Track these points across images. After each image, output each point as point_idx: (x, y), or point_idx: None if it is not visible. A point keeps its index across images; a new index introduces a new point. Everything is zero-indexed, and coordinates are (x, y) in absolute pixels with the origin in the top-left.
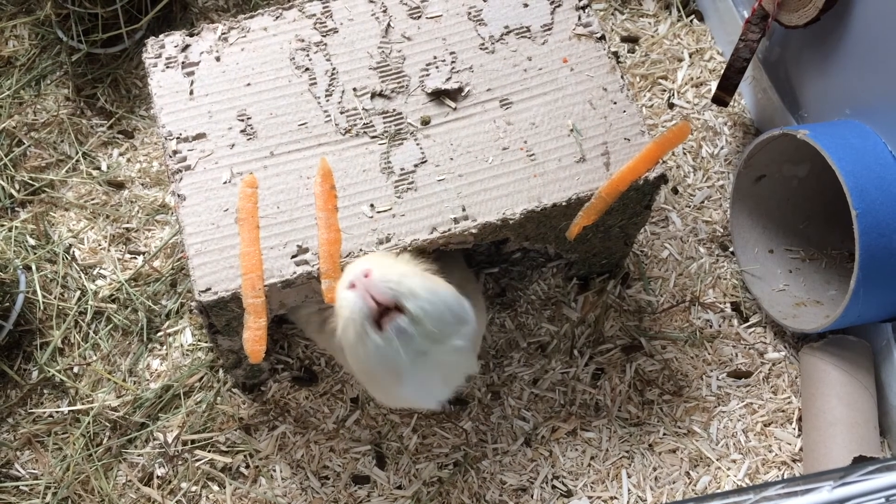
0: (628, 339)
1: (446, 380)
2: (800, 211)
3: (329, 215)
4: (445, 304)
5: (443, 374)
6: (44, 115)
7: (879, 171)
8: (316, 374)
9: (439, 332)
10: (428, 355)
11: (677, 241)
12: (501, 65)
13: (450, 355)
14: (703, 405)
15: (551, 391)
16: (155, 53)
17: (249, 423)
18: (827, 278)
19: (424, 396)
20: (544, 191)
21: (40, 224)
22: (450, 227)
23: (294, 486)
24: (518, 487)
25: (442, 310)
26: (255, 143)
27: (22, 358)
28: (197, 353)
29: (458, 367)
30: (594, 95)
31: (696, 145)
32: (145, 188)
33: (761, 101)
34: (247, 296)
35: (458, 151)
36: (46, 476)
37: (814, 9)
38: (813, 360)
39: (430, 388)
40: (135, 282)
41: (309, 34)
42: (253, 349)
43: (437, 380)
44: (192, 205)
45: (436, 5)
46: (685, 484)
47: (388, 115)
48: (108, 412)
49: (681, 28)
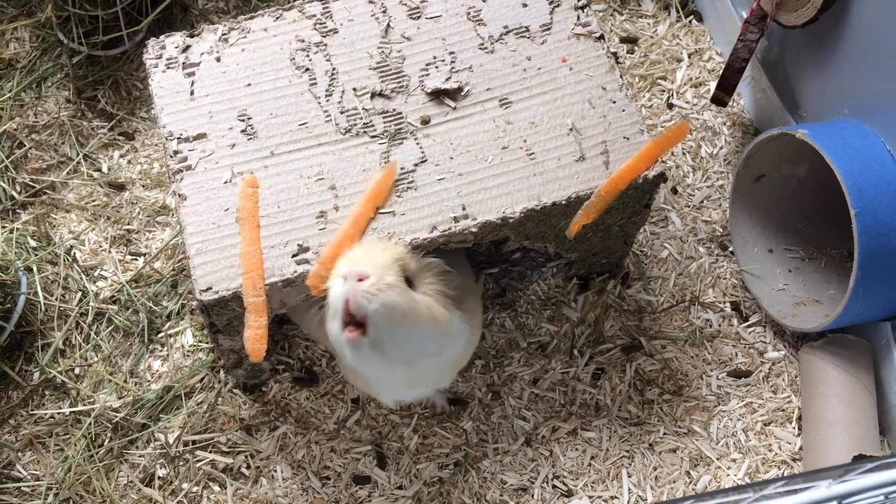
0: (628, 338)
1: (410, 386)
2: (799, 210)
3: (364, 215)
4: (414, 342)
5: (407, 382)
6: (45, 117)
7: (878, 171)
8: (317, 374)
9: (403, 359)
10: (391, 366)
11: (677, 241)
12: (501, 64)
13: (415, 374)
14: (703, 404)
15: (551, 391)
16: (156, 54)
17: (250, 423)
18: (826, 277)
19: (382, 393)
20: (544, 189)
21: (41, 226)
22: (450, 225)
23: (295, 486)
24: (519, 487)
25: (408, 348)
26: (256, 143)
27: (23, 359)
28: (198, 354)
29: (427, 381)
30: (593, 95)
31: (695, 145)
32: (146, 190)
33: (760, 100)
34: (247, 295)
35: (458, 151)
36: (48, 477)
37: (812, 9)
38: (813, 360)
39: (392, 389)
40: (136, 283)
41: (309, 35)
42: (254, 348)
43: (400, 385)
44: (192, 204)
45: (435, 6)
46: (685, 483)
47: (388, 114)
48: (110, 413)
49: (680, 28)
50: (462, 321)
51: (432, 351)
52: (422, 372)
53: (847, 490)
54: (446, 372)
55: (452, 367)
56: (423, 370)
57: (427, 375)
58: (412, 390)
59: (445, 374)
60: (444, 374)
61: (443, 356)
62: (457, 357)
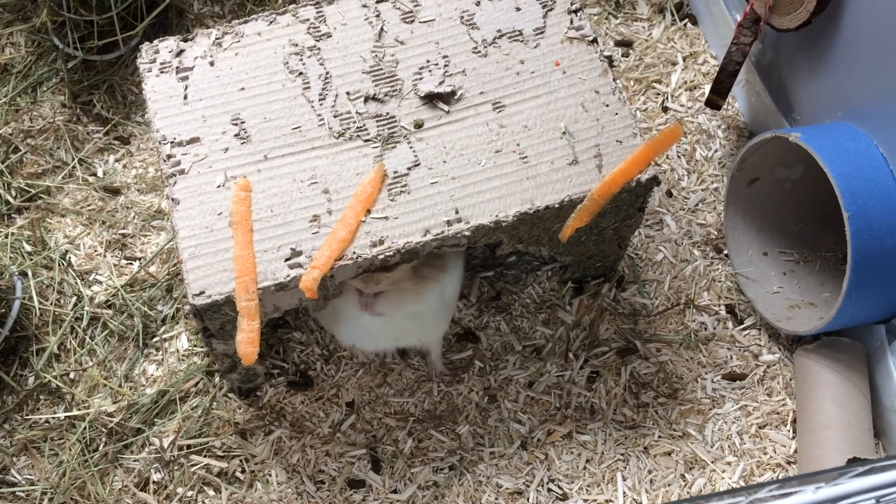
0: (623, 341)
1: (396, 338)
2: (793, 213)
3: (356, 218)
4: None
5: (393, 335)
6: (40, 121)
7: (871, 174)
8: (311, 378)
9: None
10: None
11: (671, 244)
12: (494, 68)
13: (406, 322)
14: (698, 407)
15: (547, 394)
16: (149, 59)
17: (245, 427)
18: (821, 280)
19: (365, 339)
20: (537, 193)
21: (36, 230)
22: (443, 229)
23: (290, 490)
24: (514, 491)
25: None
26: (249, 147)
27: (18, 364)
28: (193, 359)
29: (412, 335)
30: (586, 98)
31: (689, 148)
32: (141, 194)
33: (754, 104)
34: (240, 299)
35: (451, 154)
36: (43, 482)
37: (805, 12)
38: (807, 363)
39: (374, 338)
40: (131, 287)
41: (303, 39)
42: (246, 351)
43: (381, 335)
44: (186, 208)
45: (429, 10)
46: (680, 486)
47: (382, 118)
48: (105, 417)
49: (674, 32)
50: (440, 293)
51: (412, 310)
52: (401, 325)
53: (839, 493)
54: (427, 328)
55: (432, 324)
56: (402, 324)
57: (407, 328)
58: (392, 341)
59: (426, 329)
60: (424, 329)
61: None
62: (433, 314)
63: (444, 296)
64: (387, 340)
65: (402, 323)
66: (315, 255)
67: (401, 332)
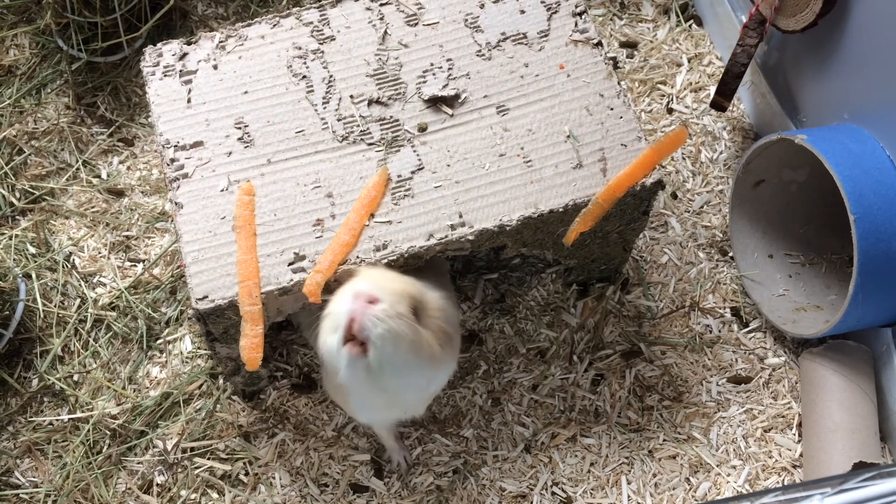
0: (628, 344)
1: (387, 409)
2: (799, 216)
3: (359, 222)
4: (407, 373)
5: (386, 406)
6: (44, 123)
7: (877, 176)
8: (315, 381)
9: (392, 386)
10: (378, 390)
11: (677, 247)
12: (498, 71)
13: (397, 401)
14: (703, 411)
15: (551, 397)
16: (153, 62)
17: (249, 430)
18: (827, 283)
19: (359, 411)
20: (541, 197)
21: (40, 232)
22: (447, 233)
23: (293, 493)
24: (518, 494)
25: (400, 377)
26: (253, 151)
27: (22, 366)
28: (196, 361)
29: (406, 408)
30: (591, 101)
31: (695, 150)
32: (145, 196)
33: (760, 105)
34: (244, 303)
35: (455, 158)
36: (46, 484)
37: (811, 13)
38: (813, 366)
39: (370, 409)
40: (134, 289)
41: (306, 42)
42: (249, 356)
43: (379, 407)
44: (189, 213)
45: (433, 12)
46: (685, 490)
47: (385, 122)
48: (108, 420)
49: (679, 33)
50: (453, 360)
51: (421, 384)
52: (404, 400)
53: (843, 501)
54: (425, 402)
55: (430, 398)
56: (406, 399)
57: (408, 403)
58: (389, 413)
59: (424, 403)
60: (423, 404)
61: (429, 389)
62: (438, 389)
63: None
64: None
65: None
66: (318, 259)
67: (407, 403)
